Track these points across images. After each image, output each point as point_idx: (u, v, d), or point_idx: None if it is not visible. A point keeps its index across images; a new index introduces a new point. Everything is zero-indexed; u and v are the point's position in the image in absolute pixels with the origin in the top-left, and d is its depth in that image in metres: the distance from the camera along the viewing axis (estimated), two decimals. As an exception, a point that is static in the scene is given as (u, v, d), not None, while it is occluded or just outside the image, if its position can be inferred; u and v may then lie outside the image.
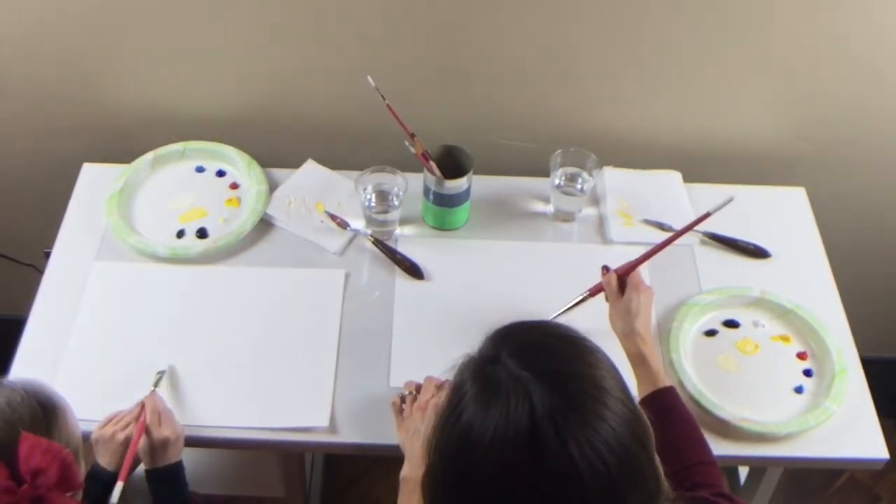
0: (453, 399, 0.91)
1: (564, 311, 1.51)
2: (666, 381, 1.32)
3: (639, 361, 1.34)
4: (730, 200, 1.42)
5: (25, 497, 1.01)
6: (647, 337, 1.37)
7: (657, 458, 0.90)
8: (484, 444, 0.85)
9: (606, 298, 1.45)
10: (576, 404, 0.85)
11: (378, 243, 1.64)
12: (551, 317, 1.51)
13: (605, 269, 1.47)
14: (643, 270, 1.48)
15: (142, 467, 1.35)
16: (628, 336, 1.37)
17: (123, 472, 1.28)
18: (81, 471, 1.15)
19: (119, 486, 1.27)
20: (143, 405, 1.35)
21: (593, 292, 1.50)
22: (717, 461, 1.25)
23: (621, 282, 1.43)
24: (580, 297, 1.51)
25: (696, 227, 1.48)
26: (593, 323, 1.43)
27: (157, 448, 1.32)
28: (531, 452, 0.84)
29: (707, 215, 1.43)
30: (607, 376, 0.90)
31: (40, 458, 1.03)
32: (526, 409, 0.84)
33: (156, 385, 1.42)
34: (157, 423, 1.33)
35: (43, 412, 1.11)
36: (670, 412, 1.28)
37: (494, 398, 0.87)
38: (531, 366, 0.88)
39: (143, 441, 1.32)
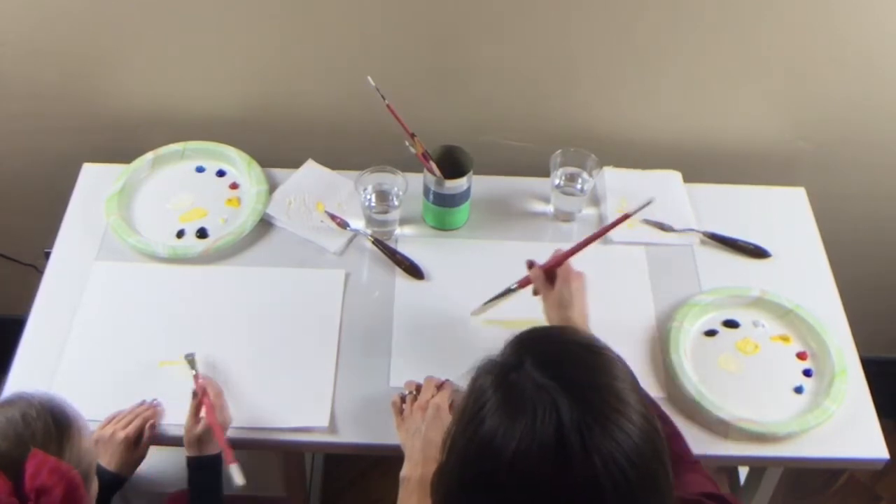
0: (474, 405, 0.90)
1: (492, 301, 1.50)
2: None
3: None
4: (650, 202, 1.38)
5: None
6: (584, 326, 1.35)
7: (671, 468, 0.91)
8: (508, 454, 0.84)
9: (534, 292, 1.43)
10: (601, 417, 0.85)
11: (378, 243, 1.64)
12: (479, 306, 1.51)
13: (530, 263, 1.44)
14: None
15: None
16: None
17: (228, 455, 1.30)
18: (91, 491, 1.14)
19: (235, 468, 1.29)
20: (203, 389, 1.35)
21: (522, 284, 1.48)
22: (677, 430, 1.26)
23: (550, 274, 1.41)
24: (509, 288, 1.49)
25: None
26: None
27: (208, 434, 1.32)
28: (556, 464, 0.83)
29: (626, 216, 1.40)
30: (629, 388, 0.89)
31: (47, 476, 1.02)
32: (553, 421, 0.84)
33: (195, 368, 1.41)
34: (220, 406, 1.34)
35: (56, 429, 1.10)
36: None
37: (520, 407, 0.86)
38: (556, 375, 0.87)
39: (199, 426, 1.33)
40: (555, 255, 1.43)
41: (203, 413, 1.35)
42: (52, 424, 1.10)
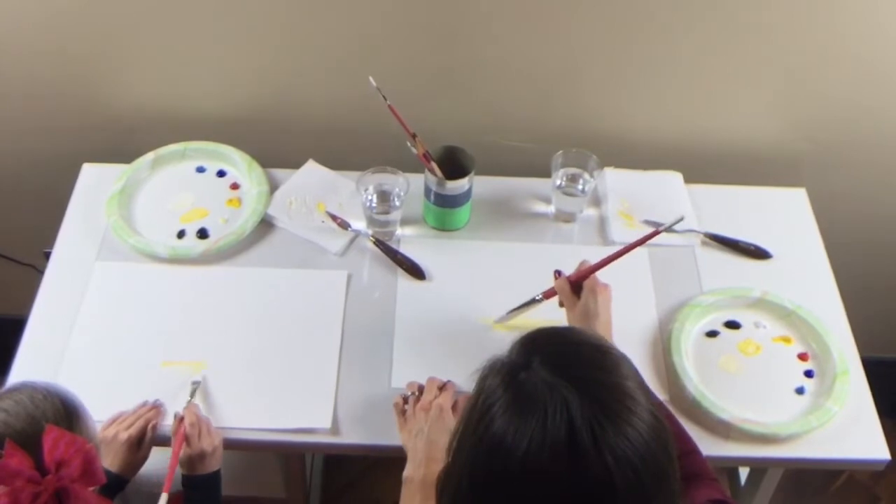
0: (483, 405, 0.90)
1: (515, 310, 1.50)
2: None
3: None
4: (680, 219, 1.36)
5: (49, 487, 1.03)
6: (609, 338, 1.35)
7: (678, 464, 0.91)
8: (519, 452, 0.84)
9: (560, 304, 1.43)
10: (612, 414, 0.85)
11: (379, 244, 1.64)
12: (504, 314, 1.51)
13: (558, 273, 1.44)
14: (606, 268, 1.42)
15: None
16: None
17: (167, 484, 1.29)
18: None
19: (164, 497, 1.27)
20: (181, 418, 1.36)
21: (547, 295, 1.47)
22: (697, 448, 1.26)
23: (576, 285, 1.41)
24: (533, 298, 1.49)
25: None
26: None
27: (194, 458, 1.33)
28: (568, 462, 0.83)
29: (657, 232, 1.39)
30: (637, 386, 0.90)
31: (64, 449, 1.05)
32: (564, 418, 0.84)
33: (192, 396, 1.41)
34: (196, 436, 1.34)
35: (65, 408, 1.13)
36: None
37: (530, 406, 0.86)
38: (566, 374, 0.87)
39: (182, 450, 1.33)
40: (581, 267, 1.42)
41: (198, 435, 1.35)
42: (60, 405, 1.13)
